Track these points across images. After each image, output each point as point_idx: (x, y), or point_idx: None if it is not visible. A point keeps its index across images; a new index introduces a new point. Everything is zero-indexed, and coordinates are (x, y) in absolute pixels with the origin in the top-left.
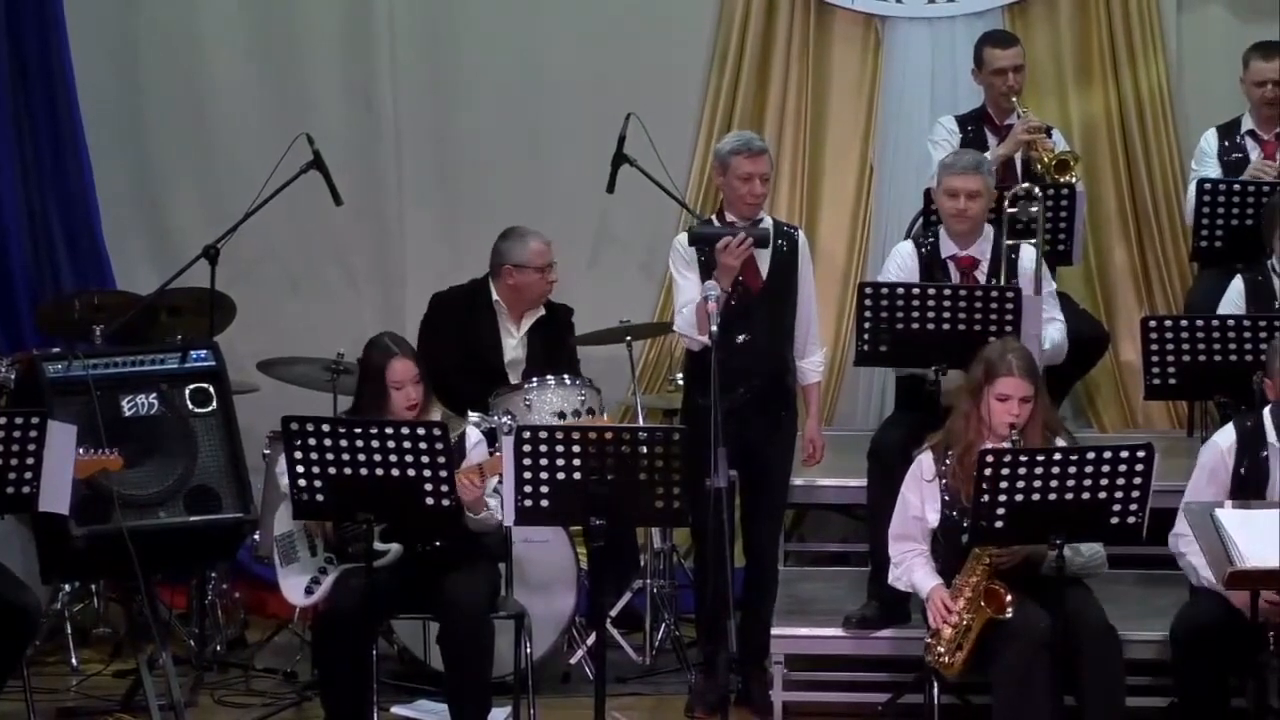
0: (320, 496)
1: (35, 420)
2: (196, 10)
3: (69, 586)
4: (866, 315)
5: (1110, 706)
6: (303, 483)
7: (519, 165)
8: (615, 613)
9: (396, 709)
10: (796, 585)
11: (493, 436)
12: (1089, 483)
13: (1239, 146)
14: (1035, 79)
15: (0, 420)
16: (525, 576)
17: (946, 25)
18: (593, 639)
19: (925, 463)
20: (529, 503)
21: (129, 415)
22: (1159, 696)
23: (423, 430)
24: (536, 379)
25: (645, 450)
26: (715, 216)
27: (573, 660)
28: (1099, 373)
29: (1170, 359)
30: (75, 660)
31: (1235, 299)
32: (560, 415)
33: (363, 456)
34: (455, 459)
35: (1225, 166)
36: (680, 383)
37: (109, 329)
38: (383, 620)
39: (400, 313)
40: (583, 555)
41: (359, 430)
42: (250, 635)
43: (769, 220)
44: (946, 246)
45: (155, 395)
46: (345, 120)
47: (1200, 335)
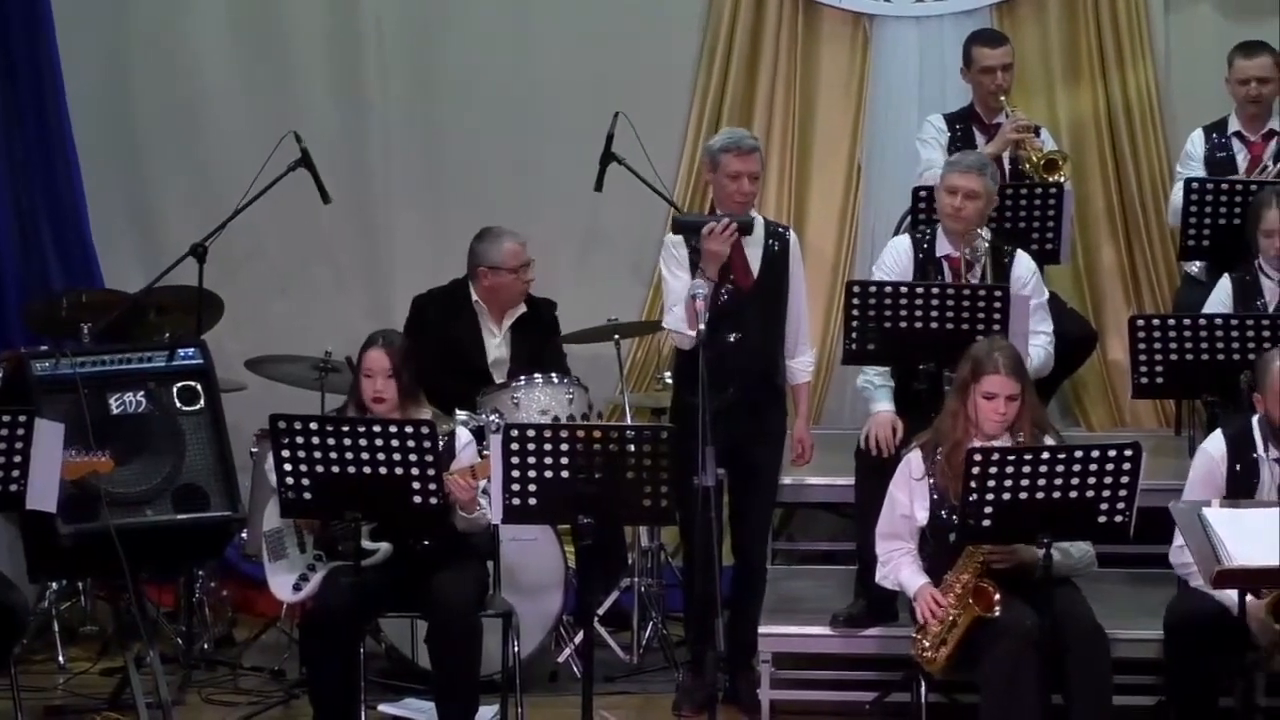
0: (308, 495)
1: (23, 418)
2: (184, 9)
3: (56, 585)
4: (854, 314)
5: (1098, 706)
6: (290, 481)
7: (507, 164)
8: (603, 611)
9: (384, 707)
10: (784, 584)
11: (481, 435)
12: (1077, 481)
13: (1225, 147)
14: (1023, 78)
15: None
16: (513, 575)
17: (935, 24)
18: (580, 638)
19: (914, 461)
20: (517, 501)
21: (117, 413)
22: (1147, 696)
23: (411, 429)
24: (524, 378)
25: (633, 449)
26: (709, 214)
27: (560, 659)
28: (1087, 372)
29: (1158, 358)
30: (63, 658)
31: (1223, 299)
32: (549, 414)
33: (350, 455)
34: (445, 459)
35: (1211, 168)
36: (668, 381)
37: (97, 327)
38: (371, 619)
39: (388, 311)
40: (570, 554)
41: (347, 429)
42: (238, 633)
43: (760, 219)
44: (942, 245)
45: (143, 393)
46: (333, 118)
47: (1188, 335)
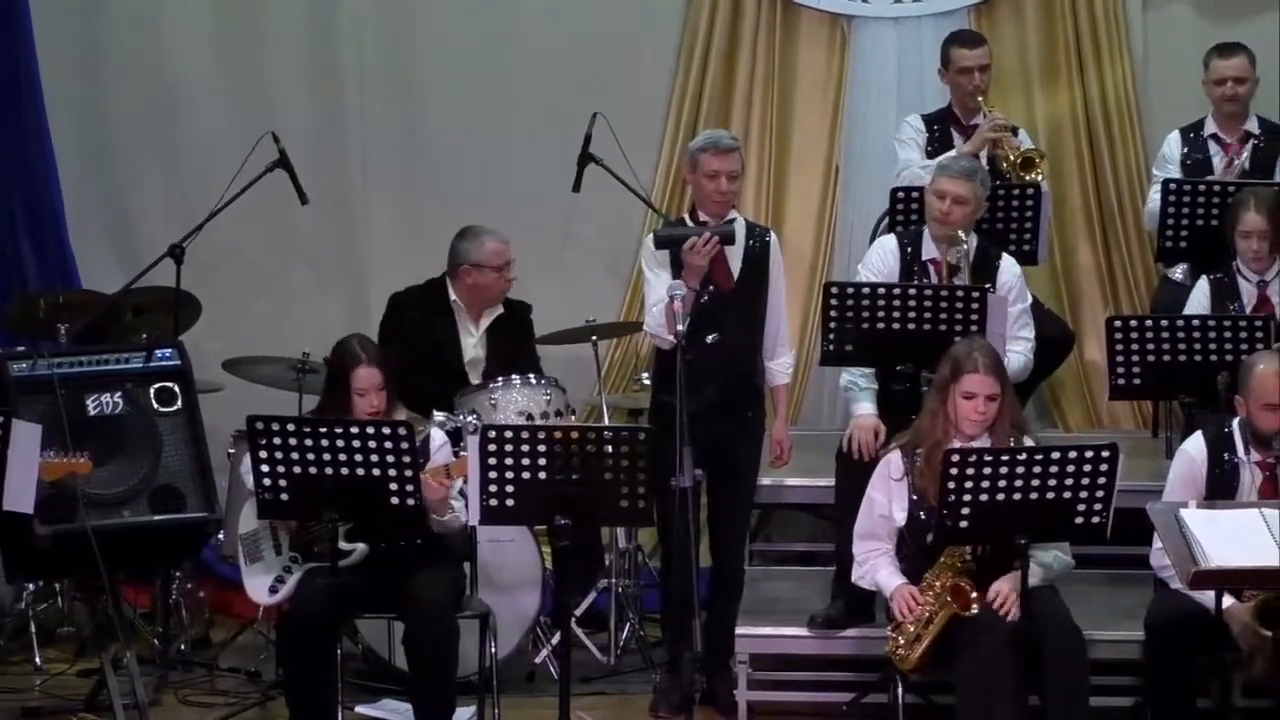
0: (285, 496)
1: (0, 420)
2: (162, 9)
3: (33, 585)
4: (832, 315)
5: (1074, 706)
6: (267, 482)
7: (485, 164)
8: (580, 612)
9: (361, 709)
10: (762, 585)
11: (458, 436)
12: (1054, 482)
13: (1201, 148)
14: (1001, 78)
15: None
16: (490, 576)
17: (913, 25)
18: (558, 638)
19: (893, 462)
20: (494, 502)
21: (94, 414)
22: (1124, 696)
23: (388, 430)
24: (502, 379)
25: (611, 450)
26: (687, 215)
27: (538, 660)
28: (1064, 372)
29: (1135, 359)
30: (39, 659)
31: (1201, 300)
32: (526, 416)
33: (328, 456)
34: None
35: (1186, 170)
36: (646, 382)
37: (74, 328)
38: (347, 620)
39: (366, 312)
40: (548, 555)
41: (324, 430)
42: (215, 635)
43: (741, 220)
44: (928, 248)
45: (120, 394)
46: (310, 119)
47: (1165, 335)
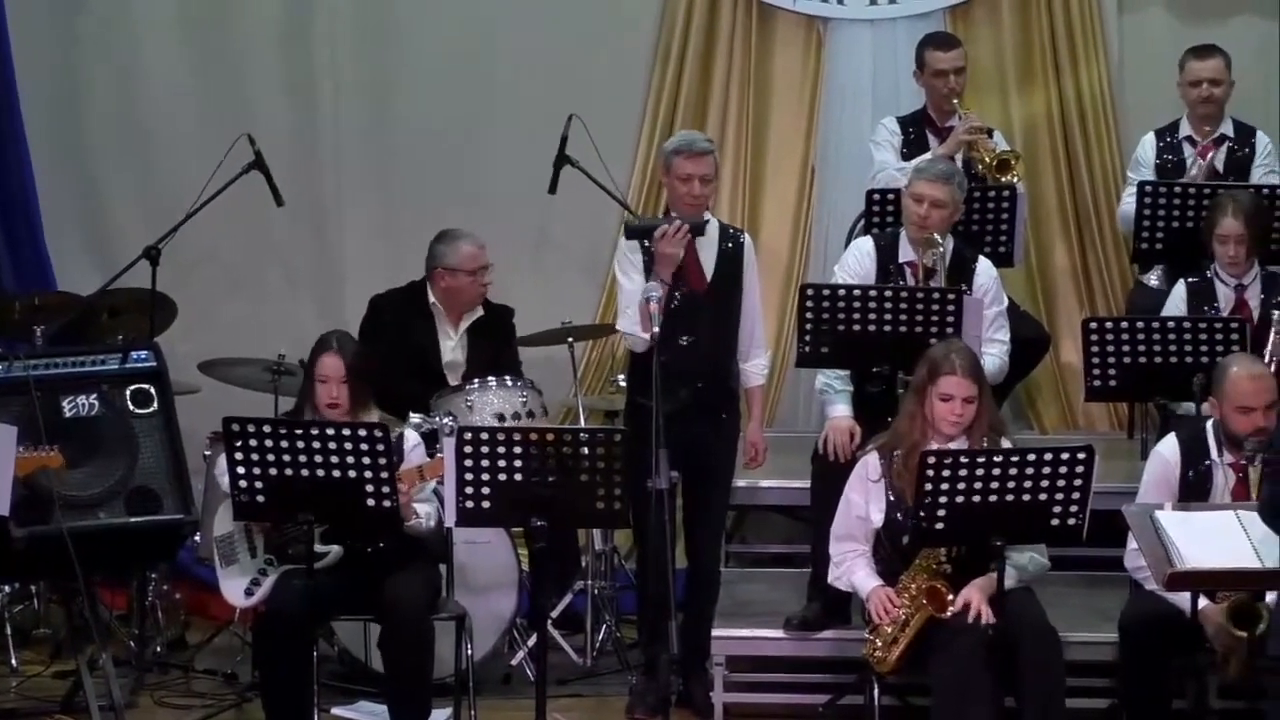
0: (261, 498)
1: None
2: (136, 11)
3: (9, 587)
4: (808, 317)
5: (1050, 707)
6: (243, 484)
7: (460, 166)
8: (556, 614)
9: (337, 710)
10: (738, 587)
11: (434, 438)
12: (1030, 484)
13: (1175, 150)
14: (977, 80)
15: None
16: (466, 578)
17: (888, 27)
18: (534, 640)
19: (871, 463)
20: (470, 504)
21: (70, 416)
22: (1100, 698)
23: (364, 432)
24: (478, 380)
25: (586, 451)
26: (662, 217)
27: (514, 661)
28: (1040, 374)
29: (1111, 360)
30: (15, 661)
31: (1178, 303)
32: (500, 417)
33: (304, 458)
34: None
35: (1160, 172)
36: (622, 384)
37: (50, 330)
38: (323, 622)
39: (340, 313)
40: (524, 556)
41: (300, 431)
42: (191, 636)
43: (715, 221)
44: (905, 251)
45: (96, 396)
46: (285, 121)
47: (1141, 337)
